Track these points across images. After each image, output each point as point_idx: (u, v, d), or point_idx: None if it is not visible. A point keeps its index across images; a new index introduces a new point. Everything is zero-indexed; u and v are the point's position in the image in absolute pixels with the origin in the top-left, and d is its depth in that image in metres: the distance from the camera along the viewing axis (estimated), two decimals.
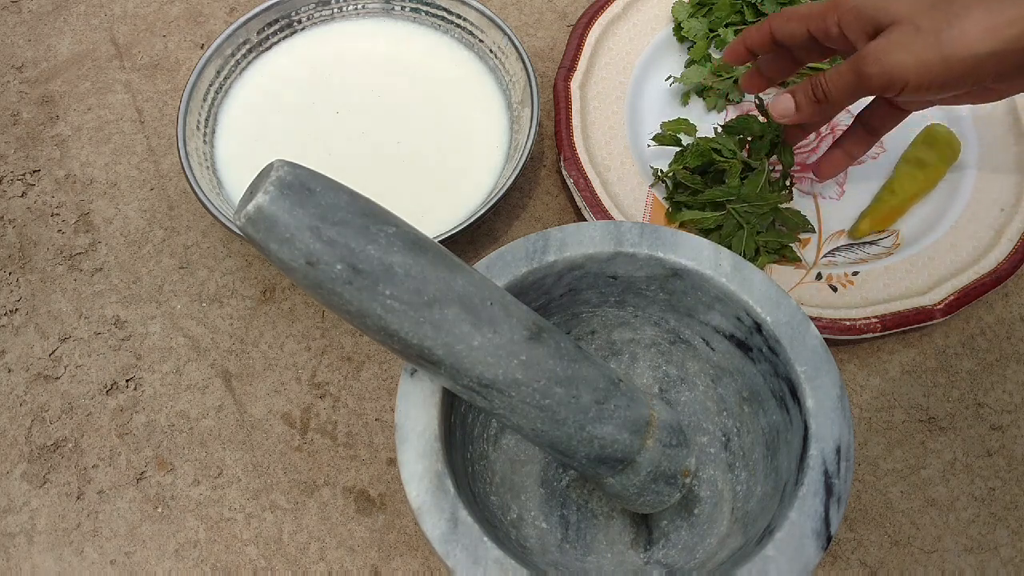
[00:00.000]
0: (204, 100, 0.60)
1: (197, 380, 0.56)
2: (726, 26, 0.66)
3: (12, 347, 0.57)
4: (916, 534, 0.51)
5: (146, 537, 0.51)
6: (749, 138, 0.59)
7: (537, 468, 0.47)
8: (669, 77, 0.65)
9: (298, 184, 0.30)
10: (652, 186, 0.60)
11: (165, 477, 0.53)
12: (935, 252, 0.57)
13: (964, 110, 0.63)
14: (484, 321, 0.34)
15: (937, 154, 0.60)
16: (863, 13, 0.47)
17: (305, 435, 0.54)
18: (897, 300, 0.54)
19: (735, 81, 0.65)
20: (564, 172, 0.59)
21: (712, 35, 0.66)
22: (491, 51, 0.63)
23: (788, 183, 0.58)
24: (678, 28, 0.66)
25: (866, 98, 0.52)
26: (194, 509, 0.52)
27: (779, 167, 0.59)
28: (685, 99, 0.65)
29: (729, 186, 0.56)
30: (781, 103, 0.51)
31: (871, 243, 0.59)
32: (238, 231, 0.51)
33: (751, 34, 0.53)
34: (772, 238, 0.56)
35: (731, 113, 0.65)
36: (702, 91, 0.65)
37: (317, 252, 0.30)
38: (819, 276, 0.56)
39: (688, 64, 0.65)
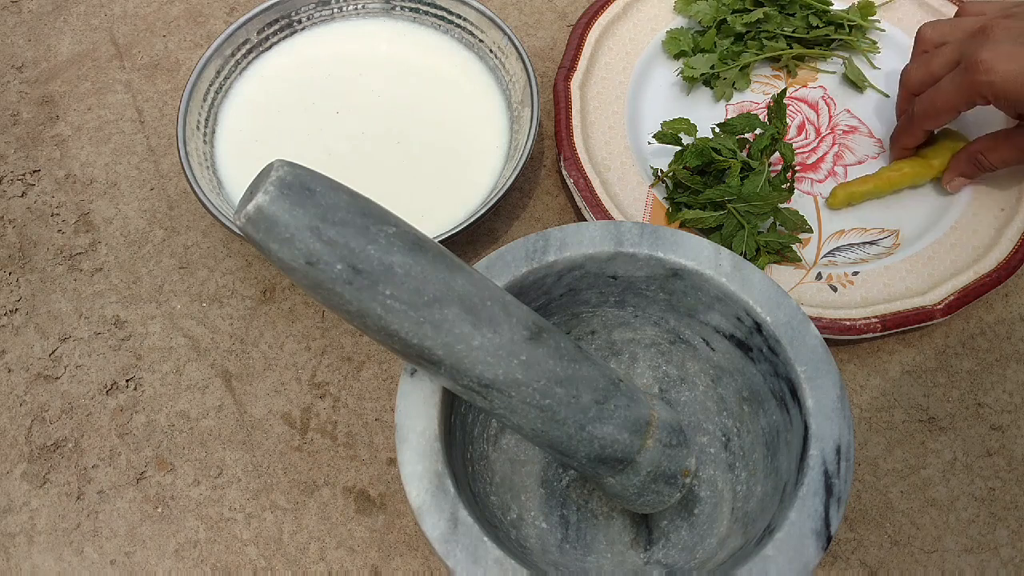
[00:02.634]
0: (204, 100, 0.60)
1: (197, 380, 0.56)
2: (733, 13, 0.66)
3: (12, 347, 0.57)
4: (916, 534, 0.51)
5: (146, 537, 0.51)
6: (749, 138, 0.59)
7: (537, 468, 0.47)
8: (677, 69, 0.65)
9: (298, 184, 0.30)
10: (652, 186, 0.60)
11: (165, 477, 0.53)
12: (935, 252, 0.57)
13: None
14: (484, 321, 0.34)
15: (939, 150, 0.59)
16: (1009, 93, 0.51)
17: (305, 435, 0.54)
18: (897, 300, 0.54)
19: (741, 69, 0.65)
20: (564, 172, 0.59)
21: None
22: (491, 51, 0.63)
23: (789, 183, 0.58)
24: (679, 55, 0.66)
25: None
26: (194, 509, 0.52)
27: (779, 167, 0.59)
28: (691, 89, 0.65)
29: (729, 186, 0.56)
30: (960, 185, 0.59)
31: (871, 243, 0.59)
32: (238, 231, 0.51)
33: (906, 140, 0.59)
34: (772, 238, 0.56)
35: (730, 112, 0.65)
36: (708, 81, 0.65)
37: (317, 252, 0.30)
38: (819, 276, 0.56)
39: (695, 52, 0.65)
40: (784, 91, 0.61)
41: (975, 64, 0.51)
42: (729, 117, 0.63)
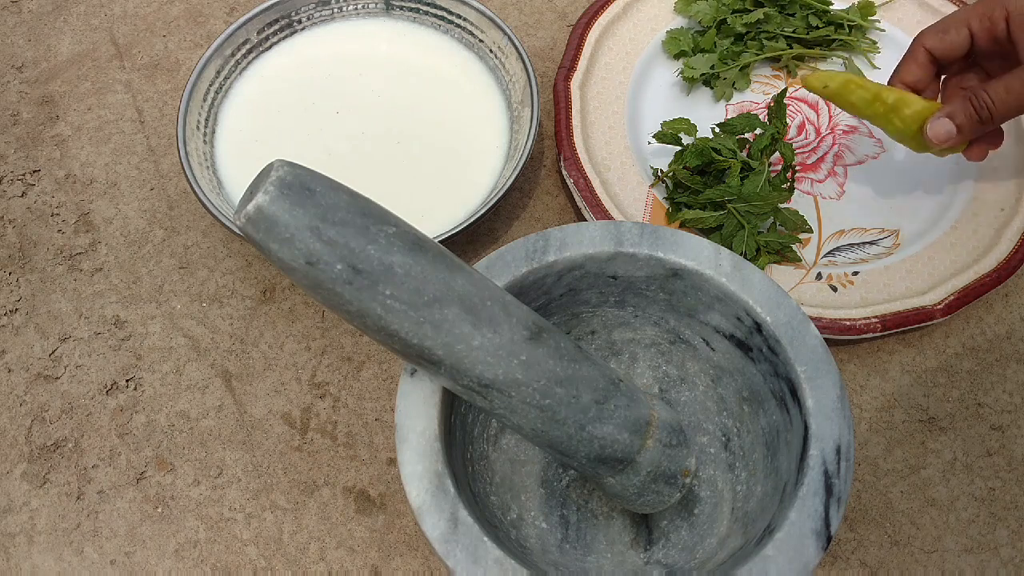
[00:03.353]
0: (204, 100, 0.60)
1: (197, 380, 0.56)
2: (733, 13, 0.66)
3: (12, 347, 0.57)
4: (916, 534, 0.51)
5: (146, 537, 0.51)
6: (749, 138, 0.59)
7: (537, 468, 0.47)
8: (677, 69, 0.65)
9: (298, 184, 0.30)
10: (652, 186, 0.60)
11: (165, 477, 0.53)
12: (935, 252, 0.57)
13: None
14: (484, 321, 0.34)
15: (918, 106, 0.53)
16: None
17: (305, 435, 0.54)
18: (897, 300, 0.54)
19: (741, 69, 0.65)
20: (564, 172, 0.59)
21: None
22: (491, 51, 0.63)
23: (789, 183, 0.58)
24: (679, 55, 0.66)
25: None
26: (194, 509, 0.52)
27: (779, 167, 0.59)
28: (691, 89, 0.65)
29: (729, 186, 0.56)
30: (941, 128, 0.49)
31: (871, 243, 0.59)
32: (238, 231, 0.51)
33: (907, 69, 0.51)
34: (772, 238, 0.56)
35: (730, 112, 0.65)
36: (708, 81, 0.65)
37: (317, 252, 0.30)
38: (819, 276, 0.56)
39: (695, 51, 0.65)
40: (784, 91, 0.61)
41: None
42: (729, 117, 0.63)
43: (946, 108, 0.49)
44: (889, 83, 0.55)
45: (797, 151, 0.63)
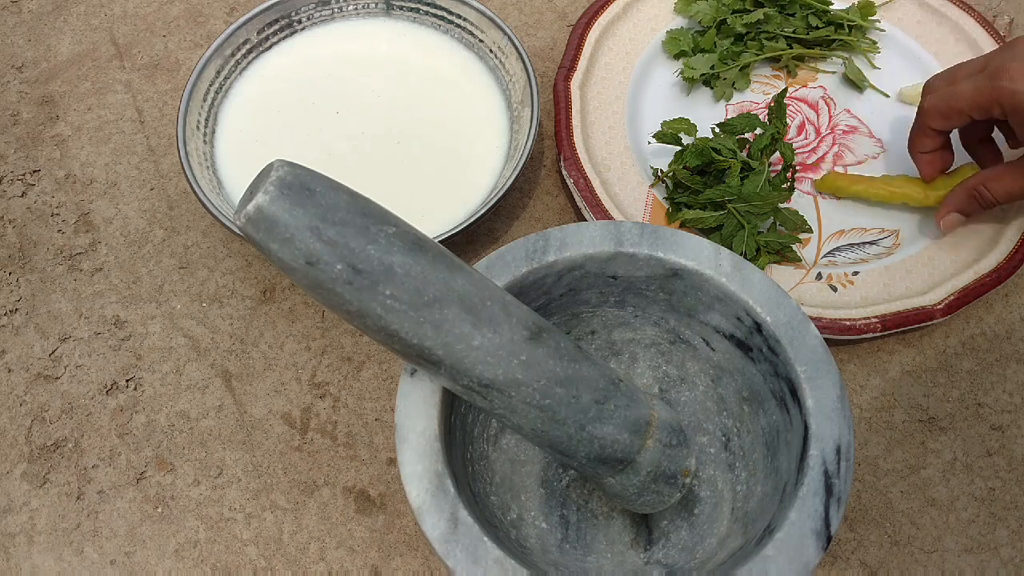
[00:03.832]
0: (204, 100, 0.60)
1: (197, 380, 0.56)
2: (733, 13, 0.66)
3: (12, 347, 0.57)
4: (916, 534, 0.51)
5: (146, 537, 0.51)
6: (749, 138, 0.59)
7: (537, 468, 0.47)
8: (677, 69, 0.65)
9: (298, 184, 0.30)
10: (652, 186, 0.60)
11: (165, 477, 0.53)
12: (935, 252, 0.57)
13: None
14: (484, 321, 0.34)
15: (949, 189, 0.57)
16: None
17: (305, 435, 0.54)
18: (897, 300, 0.54)
19: (741, 69, 0.65)
20: (564, 172, 0.59)
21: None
22: (491, 51, 0.63)
23: (789, 183, 0.58)
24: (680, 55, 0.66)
25: None
26: (194, 509, 0.52)
27: (779, 167, 0.59)
28: (691, 89, 0.65)
29: (729, 186, 0.56)
30: (953, 222, 0.55)
31: (871, 243, 0.59)
32: (238, 231, 0.51)
33: (918, 141, 0.56)
34: (773, 238, 0.56)
35: (730, 112, 0.65)
36: (708, 81, 0.65)
37: (317, 252, 0.30)
38: (819, 276, 0.56)
39: (695, 51, 0.65)
40: (784, 91, 0.61)
41: (1002, 70, 0.49)
42: (729, 117, 0.63)
43: (955, 201, 0.55)
44: (910, 150, 0.58)
45: (797, 151, 0.63)
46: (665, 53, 0.66)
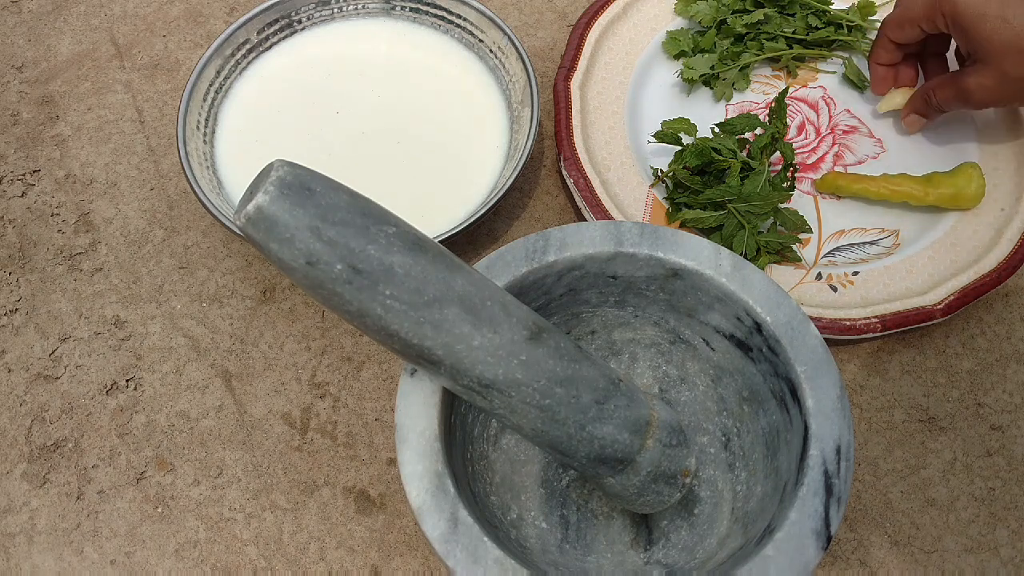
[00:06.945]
0: (204, 100, 0.60)
1: (197, 380, 0.56)
2: (733, 13, 0.66)
3: (12, 347, 0.57)
4: (916, 534, 0.51)
5: (146, 537, 0.51)
6: (749, 137, 0.59)
7: (537, 468, 0.47)
8: (677, 69, 0.65)
9: (298, 184, 0.30)
10: (652, 186, 0.60)
11: (165, 477, 0.53)
12: (935, 252, 0.57)
13: (967, 111, 0.63)
14: (484, 321, 0.34)
15: (950, 188, 0.57)
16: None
17: (305, 435, 0.54)
18: (897, 300, 0.54)
19: (741, 69, 0.65)
20: (564, 172, 0.59)
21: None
22: (491, 51, 0.63)
23: (789, 182, 0.58)
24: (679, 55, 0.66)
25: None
26: (194, 509, 0.52)
27: (779, 167, 0.59)
28: (691, 89, 0.65)
29: (729, 186, 0.56)
30: (914, 122, 0.61)
31: (871, 243, 0.59)
32: (238, 231, 0.51)
33: (876, 53, 0.61)
34: (772, 238, 0.56)
35: (730, 112, 0.65)
36: (708, 81, 0.65)
37: (317, 252, 0.30)
38: (819, 276, 0.56)
39: (695, 52, 0.65)
40: (785, 91, 0.61)
41: None
42: (729, 117, 0.63)
43: (913, 104, 0.61)
44: (869, 63, 0.63)
45: (797, 151, 0.63)
46: (665, 53, 0.66)
